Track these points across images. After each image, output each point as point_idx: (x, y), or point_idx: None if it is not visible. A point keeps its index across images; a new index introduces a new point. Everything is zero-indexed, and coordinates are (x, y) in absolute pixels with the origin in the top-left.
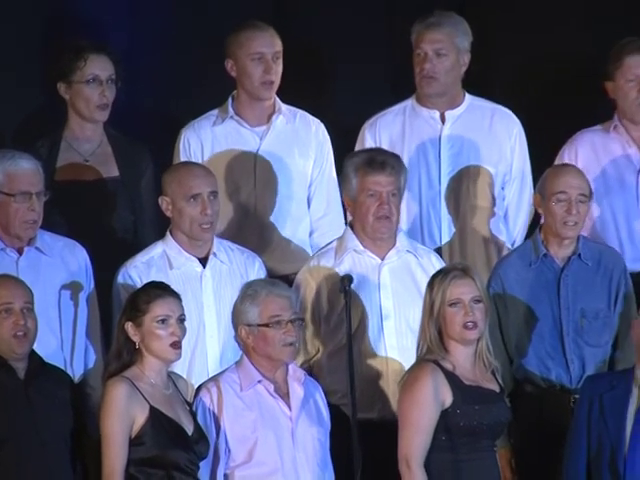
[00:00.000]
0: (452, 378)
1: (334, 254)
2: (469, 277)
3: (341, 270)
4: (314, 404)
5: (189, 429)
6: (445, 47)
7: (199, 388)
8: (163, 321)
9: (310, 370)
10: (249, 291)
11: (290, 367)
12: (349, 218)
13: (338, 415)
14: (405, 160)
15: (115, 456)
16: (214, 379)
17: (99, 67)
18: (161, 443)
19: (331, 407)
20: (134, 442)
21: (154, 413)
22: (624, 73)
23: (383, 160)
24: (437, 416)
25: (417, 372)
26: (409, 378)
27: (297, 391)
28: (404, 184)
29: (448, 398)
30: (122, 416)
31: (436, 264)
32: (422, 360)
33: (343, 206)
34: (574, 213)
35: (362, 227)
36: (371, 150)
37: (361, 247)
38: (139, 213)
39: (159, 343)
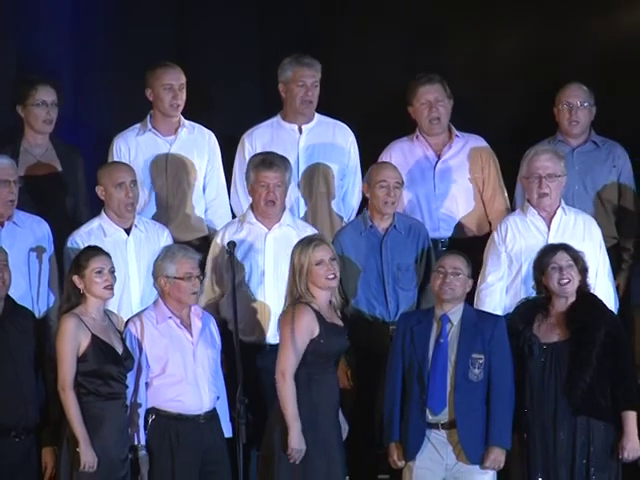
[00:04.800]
0: (319, 316)
1: (237, 224)
2: (326, 244)
3: (241, 235)
4: (209, 332)
5: (119, 350)
6: (317, 80)
7: (128, 321)
8: (99, 272)
9: (217, 306)
10: (169, 253)
11: (192, 307)
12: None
13: (230, 338)
14: None
15: (67, 370)
16: (138, 315)
17: (45, 94)
18: (99, 360)
19: (228, 333)
20: (80, 360)
21: (94, 339)
22: (418, 99)
23: (271, 161)
24: (307, 342)
25: (296, 309)
26: (289, 313)
27: (197, 324)
28: (289, 178)
29: (316, 330)
30: (71, 341)
31: (311, 233)
32: (298, 302)
33: (229, 191)
34: (392, 195)
35: (256, 208)
36: (266, 153)
37: (255, 220)
38: (76, 196)
39: (97, 287)
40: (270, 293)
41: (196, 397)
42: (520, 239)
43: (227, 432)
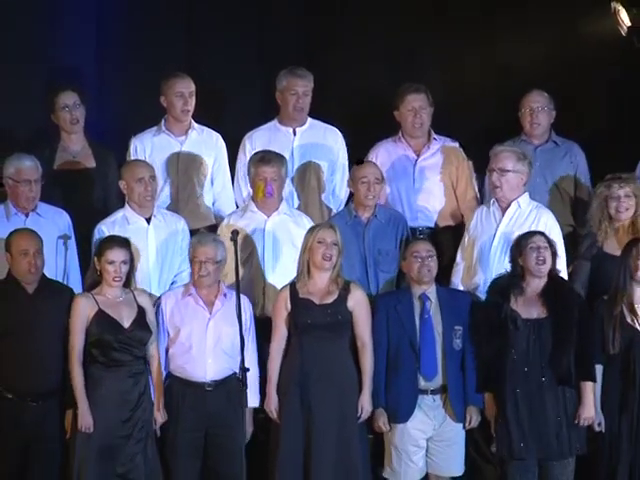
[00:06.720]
0: (294, 294)
1: (241, 213)
2: (333, 230)
3: (243, 222)
4: (233, 312)
5: (126, 323)
6: (309, 89)
7: (163, 293)
8: (111, 263)
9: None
10: (192, 240)
11: (221, 288)
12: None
13: None
14: None
15: (74, 343)
16: (174, 290)
17: (66, 98)
18: (100, 330)
19: None
20: (87, 331)
21: (99, 312)
22: (405, 105)
23: (269, 158)
24: (284, 316)
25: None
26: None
27: (217, 304)
28: (285, 172)
29: (289, 306)
30: (79, 317)
31: (305, 221)
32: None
33: (232, 184)
34: (372, 190)
35: (256, 198)
36: (265, 151)
37: (256, 209)
38: (107, 191)
39: (107, 275)
40: (270, 271)
41: (200, 366)
42: (479, 226)
43: (252, 402)
